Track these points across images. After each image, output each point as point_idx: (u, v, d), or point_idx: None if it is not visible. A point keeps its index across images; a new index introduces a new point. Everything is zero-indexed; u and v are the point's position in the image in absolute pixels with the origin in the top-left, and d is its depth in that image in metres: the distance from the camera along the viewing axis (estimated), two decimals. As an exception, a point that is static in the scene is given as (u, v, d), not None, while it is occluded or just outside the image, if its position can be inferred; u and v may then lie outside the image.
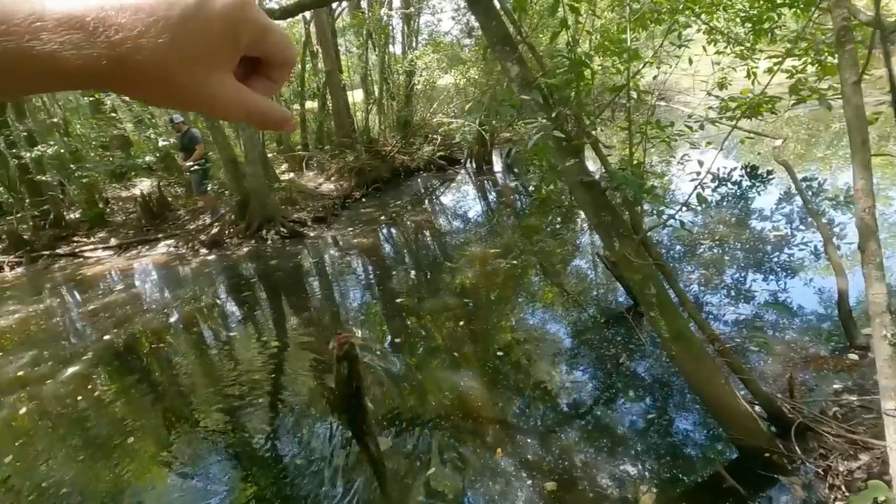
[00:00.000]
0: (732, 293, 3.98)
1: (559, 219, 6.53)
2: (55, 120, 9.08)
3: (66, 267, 7.18)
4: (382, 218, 7.78)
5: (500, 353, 3.56)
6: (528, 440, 2.69)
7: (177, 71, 0.26)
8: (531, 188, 8.64)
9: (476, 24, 9.28)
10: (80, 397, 3.65)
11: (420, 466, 2.62)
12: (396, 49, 11.87)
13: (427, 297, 4.80)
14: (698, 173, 1.77)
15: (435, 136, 10.93)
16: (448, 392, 3.19)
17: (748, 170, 7.44)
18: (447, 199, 9.17)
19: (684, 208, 1.91)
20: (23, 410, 3.56)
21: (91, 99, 9.66)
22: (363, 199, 8.97)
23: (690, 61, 2.22)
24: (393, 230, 7.30)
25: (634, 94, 1.90)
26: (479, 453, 2.65)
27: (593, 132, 2.07)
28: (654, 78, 2.39)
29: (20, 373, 4.11)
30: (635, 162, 1.95)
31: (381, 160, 9.86)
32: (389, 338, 4.14)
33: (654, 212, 2.19)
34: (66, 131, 9.02)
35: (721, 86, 4.11)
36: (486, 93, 9.23)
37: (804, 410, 2.19)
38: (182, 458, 2.95)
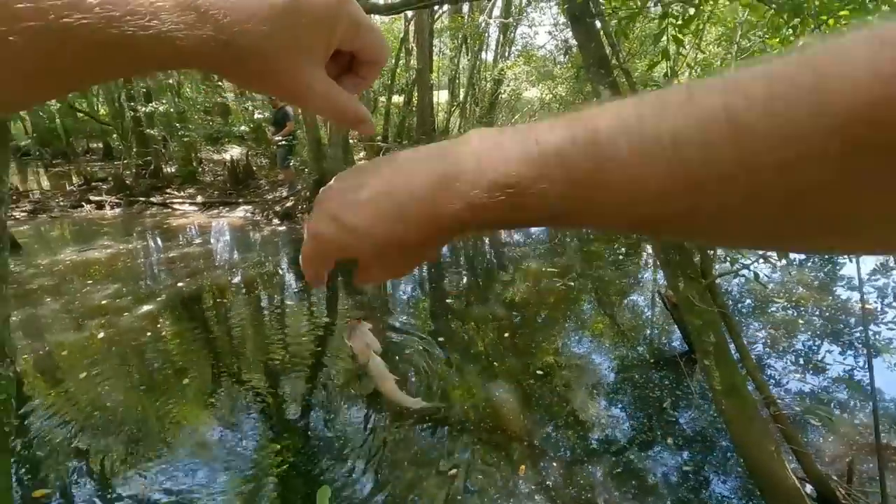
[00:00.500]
0: (800, 360, 3.70)
1: (623, 249, 6.33)
2: (171, 81, 9.96)
3: (156, 215, 7.86)
4: (446, 218, 7.88)
5: (539, 373, 3.52)
6: (553, 465, 2.65)
7: (275, 58, 0.28)
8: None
9: (573, 43, 9.20)
10: (148, 333, 4.00)
11: (443, 464, 2.65)
12: (488, 56, 12.00)
13: (476, 303, 4.82)
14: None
15: (511, 147, 10.92)
16: (482, 399, 3.20)
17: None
18: (512, 210, 9.13)
19: (761, 260, 1.82)
20: (101, 335, 3.95)
21: (203, 66, 10.51)
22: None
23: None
24: (454, 232, 7.37)
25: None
26: (503, 466, 2.64)
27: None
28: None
29: (103, 301, 4.56)
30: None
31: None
32: (430, 334, 4.21)
33: (728, 258, 2.09)
34: (178, 93, 9.87)
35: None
36: (572, 111, 9.10)
37: (861, 501, 2.01)
38: (223, 408, 3.16)
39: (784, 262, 1.69)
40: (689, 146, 0.21)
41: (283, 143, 7.53)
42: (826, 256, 6.12)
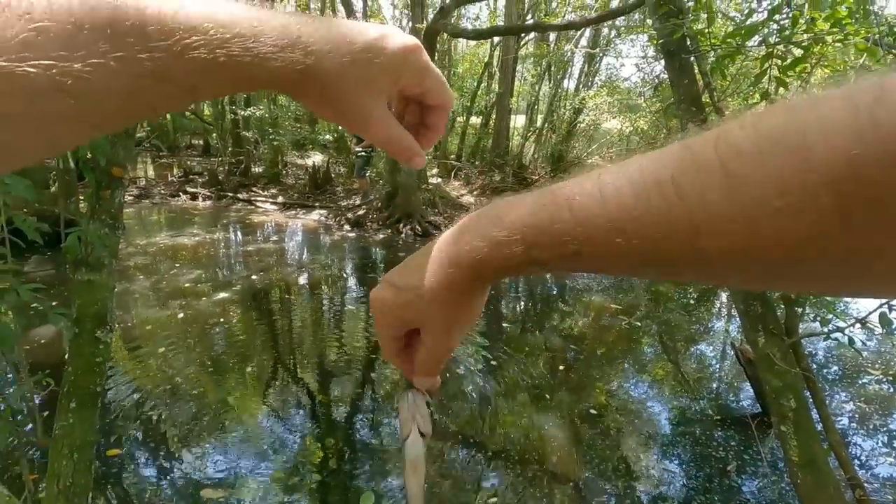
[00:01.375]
0: (889, 441, 3.28)
1: (695, 294, 5.97)
2: (268, 89, 10.79)
3: (241, 210, 8.46)
4: (510, 242, 7.84)
5: (593, 412, 3.37)
6: (598, 512, 2.52)
7: (346, 88, 0.31)
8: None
9: (661, 77, 8.96)
10: (221, 319, 4.29)
11: (482, 493, 2.59)
12: (570, 85, 11.94)
13: (531, 331, 4.73)
14: (888, 291, 1.51)
15: (584, 177, 10.72)
16: (529, 432, 3.11)
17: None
18: (579, 241, 8.93)
19: (858, 325, 1.65)
20: (180, 315, 4.29)
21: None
22: (497, 220, 9.14)
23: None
24: (517, 256, 7.31)
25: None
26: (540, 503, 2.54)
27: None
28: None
29: (186, 285, 4.95)
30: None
31: (526, 187, 9.91)
32: (483, 357, 4.17)
33: (818, 317, 1.92)
34: (274, 100, 10.65)
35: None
36: (652, 145, 8.81)
37: None
38: (276, 400, 3.30)
39: (885, 329, 1.52)
40: (689, 190, 0.22)
41: (363, 153, 7.88)
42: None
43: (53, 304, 3.99)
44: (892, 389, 3.95)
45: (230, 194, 9.00)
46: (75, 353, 1.46)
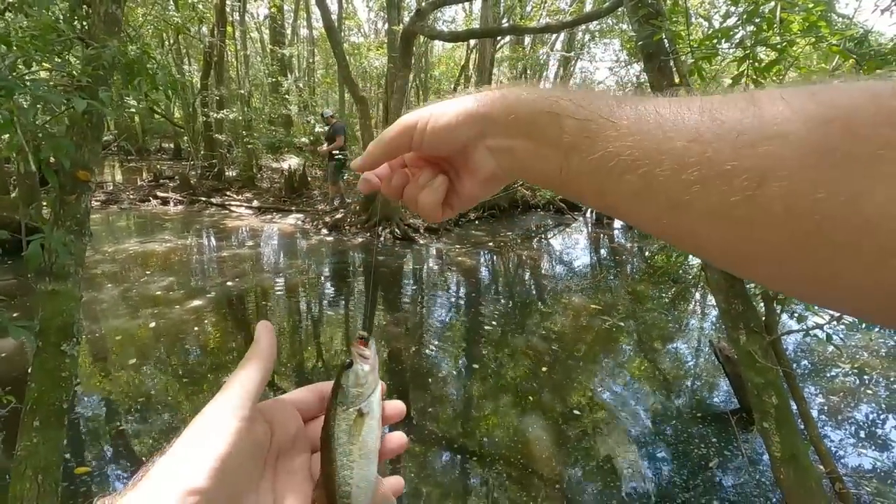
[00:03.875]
0: (863, 434, 3.39)
1: (671, 293, 6.08)
2: (242, 92, 10.57)
3: (214, 215, 8.25)
4: (490, 244, 7.86)
5: (575, 412, 3.38)
6: (585, 513, 2.51)
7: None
8: (648, 253, 8.18)
9: (637, 80, 9.13)
10: (196, 328, 4.15)
11: (462, 496, 2.56)
12: (546, 88, 12.05)
13: (513, 333, 4.73)
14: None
15: (561, 179, 10.85)
16: (511, 433, 3.10)
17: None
18: (557, 242, 9.01)
19: (834, 322, 1.69)
20: (152, 325, 4.14)
21: (273, 80, 11.12)
22: (476, 222, 9.16)
23: None
24: (496, 258, 7.34)
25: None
26: (530, 507, 2.53)
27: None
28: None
29: (158, 293, 4.78)
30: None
31: (504, 189, 9.97)
32: (464, 360, 4.15)
33: (795, 315, 1.96)
34: (248, 103, 10.45)
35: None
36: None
37: None
38: (259, 409, 3.20)
39: (866, 325, 1.56)
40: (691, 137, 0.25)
41: (338, 157, 7.79)
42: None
43: (14, 315, 3.80)
44: (858, 381, 4.09)
45: (203, 199, 8.78)
46: (39, 367, 1.38)
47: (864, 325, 1.69)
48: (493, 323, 5.00)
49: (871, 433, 3.39)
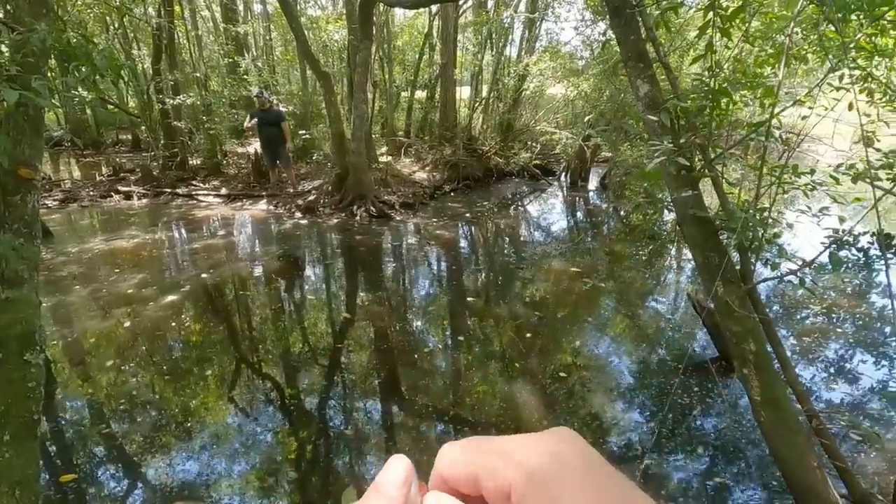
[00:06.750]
0: (833, 370, 3.55)
1: (647, 250, 6.19)
2: (198, 75, 10.09)
3: (182, 206, 7.98)
4: (467, 215, 7.83)
5: (561, 374, 3.45)
6: (576, 470, 2.58)
7: None
8: (623, 213, 8.27)
9: (600, 39, 9.02)
10: (173, 323, 4.05)
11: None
12: (512, 52, 11.86)
13: (495, 302, 4.76)
14: (836, 231, 1.58)
15: (534, 144, 10.80)
16: (500, 401, 3.15)
17: (881, 238, 6.58)
18: (534, 208, 9.03)
19: (807, 269, 1.72)
20: (126, 324, 4.02)
21: (229, 60, 10.64)
22: (452, 193, 9.09)
23: (851, 106, 1.99)
24: (474, 229, 7.32)
25: (777, 133, 1.74)
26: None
27: (717, 166, 1.92)
28: (804, 119, 2.17)
29: (129, 291, 4.63)
30: (760, 206, 1.78)
31: (477, 158, 9.92)
32: (450, 333, 4.17)
33: (768, 263, 1.99)
34: (205, 86, 10.00)
35: (869, 141, 3.65)
36: (597, 107, 8.95)
37: (908, 522, 1.90)
38: (242, 399, 3.18)
39: (835, 269, 1.61)
40: None
41: (289, 145, 7.75)
42: (861, 263, 5.87)
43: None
44: (827, 321, 4.26)
45: (168, 190, 8.47)
46: (3, 380, 1.31)
47: (831, 268, 1.73)
48: (476, 294, 5.02)
49: (842, 368, 3.56)
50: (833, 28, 1.91)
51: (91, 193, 8.39)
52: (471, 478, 0.25)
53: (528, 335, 4.01)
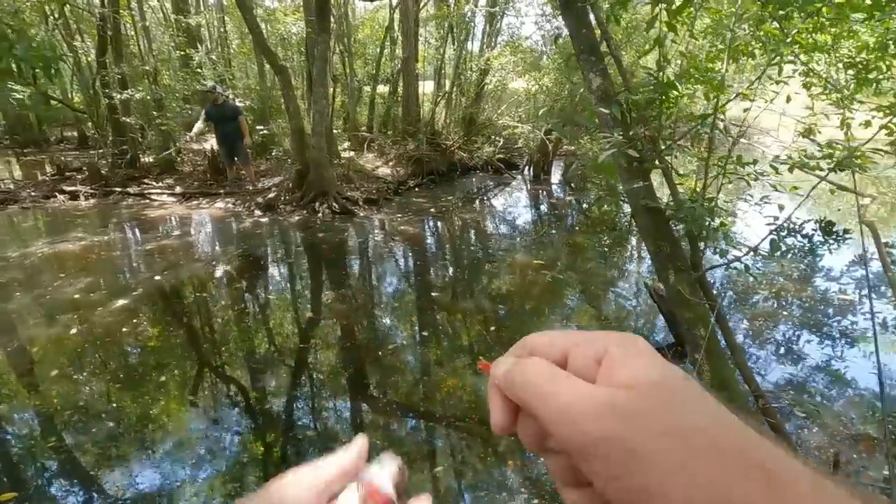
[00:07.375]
0: (781, 351, 3.74)
1: (608, 241, 6.34)
2: (147, 68, 9.64)
3: (133, 206, 7.63)
4: (432, 210, 7.81)
5: (526, 366, 3.49)
6: (542, 460, 2.63)
7: None
8: (585, 205, 8.45)
9: (559, 33, 9.14)
10: (124, 329, 3.87)
11: (429, 460, 2.61)
12: (474, 46, 11.88)
13: (461, 296, 4.78)
14: (776, 218, 1.65)
15: (497, 138, 10.87)
16: (468, 394, 3.16)
17: (823, 225, 6.96)
18: (499, 202, 9.10)
19: (752, 253, 1.80)
20: (73, 331, 3.81)
21: (181, 53, 10.21)
22: (416, 189, 9.04)
23: (789, 99, 2.08)
24: (440, 224, 7.32)
25: (721, 125, 1.80)
26: (491, 462, 2.61)
27: (666, 158, 1.98)
28: (746, 111, 2.26)
29: (76, 296, 4.40)
30: (707, 196, 1.85)
31: (441, 153, 9.90)
32: (417, 329, 4.16)
33: (717, 251, 2.07)
34: (155, 80, 9.56)
35: (809, 132, 3.85)
36: (557, 101, 9.08)
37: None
38: (205, 403, 3.08)
39: (776, 255, 1.69)
40: None
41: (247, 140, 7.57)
42: (806, 249, 6.20)
43: None
44: (775, 304, 4.49)
45: (118, 189, 8.07)
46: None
47: (777, 254, 1.81)
48: (442, 288, 5.02)
49: (788, 349, 3.75)
50: (776, 25, 1.99)
51: (33, 194, 7.90)
52: (567, 346, 0.28)
53: (494, 328, 4.04)
